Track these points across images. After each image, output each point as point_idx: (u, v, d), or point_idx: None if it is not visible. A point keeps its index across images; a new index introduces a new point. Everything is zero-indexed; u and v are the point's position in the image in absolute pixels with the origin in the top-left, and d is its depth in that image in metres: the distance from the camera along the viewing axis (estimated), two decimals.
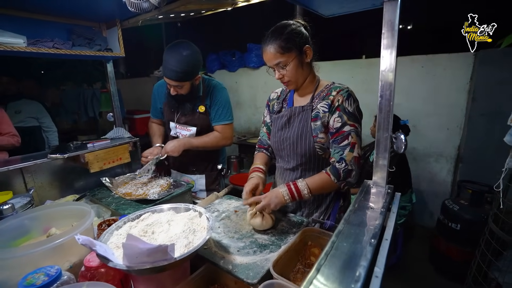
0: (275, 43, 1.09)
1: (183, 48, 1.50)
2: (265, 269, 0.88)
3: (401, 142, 0.87)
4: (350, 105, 1.12)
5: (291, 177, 1.31)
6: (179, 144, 1.66)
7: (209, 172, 1.87)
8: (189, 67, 1.50)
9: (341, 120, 1.12)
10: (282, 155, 1.33)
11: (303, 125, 1.20)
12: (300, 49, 1.12)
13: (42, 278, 0.72)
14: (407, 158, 2.58)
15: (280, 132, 1.28)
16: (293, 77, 1.16)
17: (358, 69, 3.21)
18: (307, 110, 1.20)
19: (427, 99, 2.87)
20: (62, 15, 1.71)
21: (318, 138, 1.17)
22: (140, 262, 0.70)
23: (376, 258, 0.58)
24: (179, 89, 1.58)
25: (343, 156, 1.10)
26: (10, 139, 2.26)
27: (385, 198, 0.86)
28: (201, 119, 1.74)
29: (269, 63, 1.15)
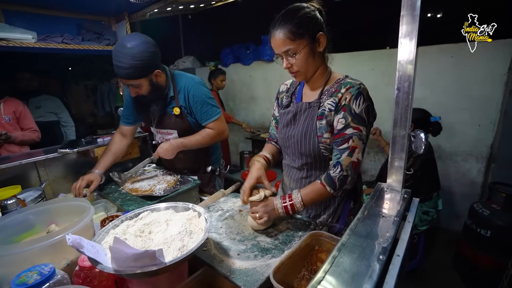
0: (285, 27, 0.97)
1: (128, 40, 1.28)
2: (264, 276, 0.82)
3: (421, 141, 0.77)
4: (358, 105, 1.01)
5: (297, 176, 1.23)
6: (172, 146, 1.49)
7: (202, 174, 1.72)
8: (137, 61, 1.27)
9: (344, 122, 1.01)
10: (288, 153, 1.25)
11: (308, 124, 1.10)
12: (313, 36, 1.01)
13: (35, 277, 0.70)
14: (435, 159, 2.37)
15: (286, 128, 1.19)
16: (303, 68, 1.04)
17: (379, 60, 3.01)
18: (314, 107, 1.10)
19: (456, 92, 2.63)
20: (72, 10, 1.72)
21: (323, 138, 1.08)
22: (128, 267, 0.66)
23: (384, 278, 0.49)
24: (137, 88, 1.36)
25: (339, 160, 1.01)
26: (32, 134, 2.35)
27: (401, 205, 0.76)
28: (178, 123, 1.55)
29: (277, 50, 1.03)
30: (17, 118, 2.32)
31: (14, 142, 2.23)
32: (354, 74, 2.91)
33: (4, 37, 1.28)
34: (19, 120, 2.34)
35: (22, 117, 2.33)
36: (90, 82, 4.32)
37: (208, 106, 1.54)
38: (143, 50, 1.29)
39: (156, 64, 1.36)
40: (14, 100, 2.35)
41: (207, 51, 4.86)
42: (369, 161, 3.36)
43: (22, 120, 2.33)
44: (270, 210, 1.05)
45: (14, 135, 2.20)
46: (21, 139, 2.25)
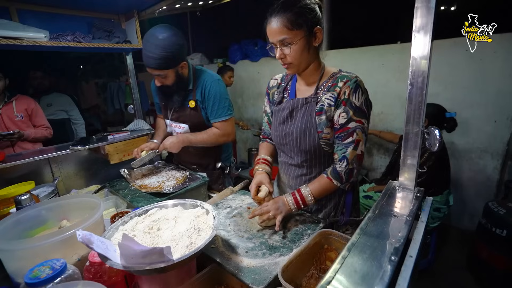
0: (284, 15, 0.95)
1: (159, 31, 1.34)
2: (273, 274, 0.82)
3: (435, 138, 0.74)
4: (358, 98, 1.00)
5: (296, 173, 1.22)
6: (178, 140, 1.53)
7: (211, 170, 1.75)
8: (167, 52, 1.33)
9: (346, 116, 1.00)
10: (285, 150, 1.23)
11: (307, 120, 1.08)
12: (310, 29, 0.98)
13: (47, 272, 0.72)
14: (448, 155, 2.31)
15: (282, 126, 1.16)
16: (296, 60, 1.01)
17: (389, 55, 2.94)
18: (312, 103, 1.07)
19: (471, 87, 2.54)
20: (83, 8, 1.74)
21: (323, 133, 1.06)
22: (136, 263, 0.67)
23: (396, 279, 0.48)
24: (163, 79, 1.43)
25: (345, 154, 1.02)
26: (44, 131, 2.40)
27: (413, 204, 0.73)
28: (192, 116, 1.59)
29: (272, 38, 1.00)
30: (29, 115, 2.37)
31: (27, 140, 2.28)
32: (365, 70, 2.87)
33: (18, 36, 1.31)
34: (31, 117, 2.39)
35: (34, 115, 2.38)
36: (99, 80, 4.40)
37: (220, 105, 1.55)
38: (174, 43, 1.35)
39: (183, 56, 1.43)
40: (26, 98, 2.41)
41: (215, 48, 4.86)
42: (379, 158, 3.30)
43: (34, 117, 2.38)
44: (281, 206, 1.05)
45: (27, 133, 2.25)
46: (34, 137, 2.31)
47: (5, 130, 2.19)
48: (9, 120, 2.25)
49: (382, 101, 3.06)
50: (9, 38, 1.31)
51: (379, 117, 3.15)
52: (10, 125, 2.24)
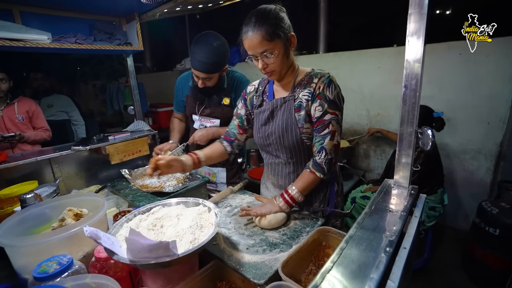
0: (261, 28, 0.99)
1: (212, 39, 1.47)
2: (273, 270, 0.85)
3: (428, 137, 0.78)
4: (331, 92, 1.07)
5: (284, 172, 1.26)
6: (208, 133, 1.65)
7: (230, 165, 1.85)
8: (219, 58, 1.49)
9: (322, 109, 1.07)
10: (269, 150, 1.27)
11: (287, 117, 1.13)
12: (286, 36, 1.04)
13: (55, 267, 0.74)
14: (439, 153, 2.37)
15: (264, 127, 1.21)
16: (279, 67, 1.07)
17: (386, 58, 2.99)
18: (290, 101, 1.13)
19: (465, 90, 2.60)
20: (85, 10, 1.77)
21: (304, 128, 1.12)
22: (143, 257, 0.69)
23: (390, 269, 0.51)
24: (207, 81, 1.55)
25: (323, 145, 1.09)
26: (43, 133, 2.41)
27: (407, 200, 0.77)
28: (226, 112, 1.70)
29: (252, 51, 1.04)
30: (29, 117, 2.38)
31: (27, 142, 2.29)
32: (362, 72, 2.94)
33: (21, 38, 1.33)
34: (32, 119, 2.39)
35: (35, 117, 2.39)
36: (99, 81, 4.40)
37: None
38: (226, 50, 1.53)
39: (227, 61, 1.59)
40: (28, 99, 2.41)
41: None
42: (376, 159, 3.35)
43: (35, 119, 2.39)
44: (271, 207, 1.10)
45: (27, 135, 2.26)
46: (34, 139, 2.31)
47: (6, 132, 2.19)
48: (10, 121, 2.25)
49: (379, 102, 3.11)
50: (12, 40, 1.33)
51: (376, 119, 3.20)
52: (10, 126, 2.24)
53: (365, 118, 3.27)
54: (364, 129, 3.25)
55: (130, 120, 3.51)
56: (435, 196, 2.27)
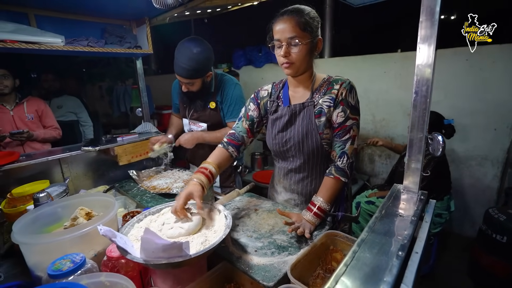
0: (297, 16, 1.02)
1: (194, 45, 1.48)
2: (282, 272, 0.85)
3: (438, 143, 0.78)
4: (353, 98, 1.11)
5: (298, 177, 1.26)
6: (193, 137, 1.68)
7: (228, 169, 1.81)
8: (199, 65, 1.49)
9: (344, 115, 1.09)
10: (284, 157, 1.26)
11: (308, 123, 1.14)
12: (315, 37, 1.07)
13: (68, 265, 0.75)
14: (447, 160, 2.35)
15: (282, 133, 1.21)
16: (299, 61, 1.06)
17: (391, 63, 3.00)
18: (309, 107, 1.14)
19: (472, 96, 2.59)
20: (96, 15, 1.80)
21: (324, 134, 1.14)
22: (156, 257, 0.70)
23: (403, 273, 0.52)
24: (190, 86, 1.58)
25: (344, 150, 1.11)
26: (53, 132, 2.45)
27: (417, 205, 0.77)
28: (212, 116, 1.71)
29: (281, 35, 1.02)
30: (39, 116, 2.42)
31: (36, 140, 2.32)
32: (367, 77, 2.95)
33: (36, 40, 1.36)
34: (41, 118, 2.44)
35: (44, 116, 2.43)
36: (106, 83, 4.46)
37: (236, 107, 1.67)
38: (206, 57, 1.52)
39: (210, 67, 1.60)
40: (37, 99, 2.46)
41: (219, 53, 4.93)
42: (381, 164, 3.34)
43: (44, 118, 2.43)
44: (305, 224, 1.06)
45: (37, 133, 2.30)
46: (43, 137, 2.35)
47: None
48: (20, 120, 2.29)
49: (384, 108, 3.11)
50: (28, 43, 1.36)
51: (381, 124, 3.19)
52: (21, 125, 2.28)
53: (370, 123, 3.27)
54: (369, 134, 3.25)
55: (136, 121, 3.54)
56: (442, 203, 2.25)
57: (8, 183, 1.41)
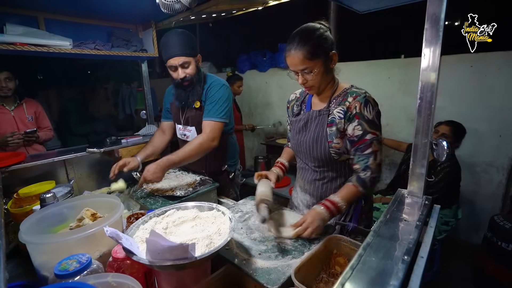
0: (303, 48, 1.05)
1: (175, 30, 1.49)
2: (286, 275, 0.85)
3: (443, 149, 0.79)
4: (369, 112, 1.10)
5: (311, 177, 1.30)
6: (159, 167, 1.43)
7: (218, 176, 1.73)
8: (190, 40, 1.49)
9: (361, 128, 1.09)
10: (300, 157, 1.34)
11: (319, 130, 1.18)
12: (327, 55, 1.10)
13: (75, 265, 0.76)
14: (460, 170, 2.30)
15: (298, 135, 1.27)
16: (317, 83, 1.13)
17: (395, 69, 3.01)
18: (324, 115, 1.18)
19: (476, 102, 2.59)
20: (104, 18, 1.84)
21: (333, 143, 1.15)
22: (162, 258, 0.71)
23: (409, 277, 0.52)
24: (186, 69, 1.51)
25: (368, 164, 1.10)
26: (49, 133, 2.47)
27: (422, 211, 0.77)
28: (198, 116, 1.63)
29: (294, 67, 1.11)
30: (36, 117, 2.44)
31: (39, 142, 2.34)
32: (371, 83, 2.95)
33: (45, 43, 1.39)
34: (38, 119, 2.45)
35: (41, 117, 2.45)
36: (112, 86, 4.51)
37: (216, 106, 1.58)
38: (190, 35, 1.51)
39: (197, 49, 1.56)
40: (33, 101, 2.47)
41: (223, 57, 4.98)
42: (384, 169, 3.33)
43: (41, 119, 2.45)
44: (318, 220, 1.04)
45: (40, 134, 2.32)
46: (44, 138, 2.37)
47: None
48: (21, 121, 2.30)
49: (388, 113, 3.11)
50: (37, 45, 1.39)
51: (385, 129, 3.16)
52: (21, 126, 2.29)
53: None
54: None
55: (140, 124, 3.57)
56: (450, 210, 2.24)
57: (14, 183, 1.43)
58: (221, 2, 1.52)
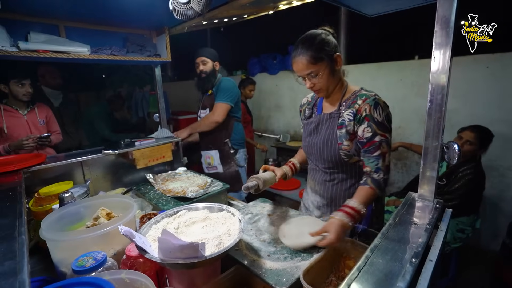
0: (306, 53, 1.09)
1: None
2: (295, 277, 0.86)
3: (454, 152, 0.78)
4: (379, 114, 1.11)
5: (322, 178, 1.32)
6: (185, 130, 2.29)
7: (222, 147, 2.34)
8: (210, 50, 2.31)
9: (371, 130, 1.10)
10: (311, 159, 1.37)
11: (330, 133, 1.20)
12: (331, 58, 1.12)
13: (91, 262, 0.79)
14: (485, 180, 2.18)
15: (309, 138, 1.30)
16: (324, 86, 1.16)
17: (408, 71, 2.96)
18: (334, 118, 1.20)
19: (492, 104, 2.51)
20: (120, 25, 1.91)
21: (343, 145, 1.17)
22: (173, 257, 0.73)
23: (417, 280, 0.52)
24: (204, 66, 2.25)
25: (379, 166, 1.12)
26: (59, 136, 2.54)
27: (432, 214, 0.77)
28: (210, 99, 2.32)
29: (300, 73, 1.15)
30: (47, 121, 2.50)
31: (50, 145, 2.42)
32: (383, 85, 2.92)
33: (65, 50, 1.46)
34: (48, 123, 2.51)
35: (52, 121, 2.52)
36: (126, 89, 4.64)
37: (221, 93, 2.25)
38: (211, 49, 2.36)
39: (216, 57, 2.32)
40: (44, 105, 2.53)
41: (234, 60, 5.03)
42: (397, 172, 3.26)
43: (51, 123, 2.51)
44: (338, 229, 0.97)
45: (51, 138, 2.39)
46: (55, 142, 2.45)
47: None
48: (33, 125, 2.36)
49: (400, 115, 3.06)
50: (58, 52, 1.46)
51: (397, 132, 3.14)
52: (34, 130, 2.34)
53: None
54: None
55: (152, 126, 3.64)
56: (468, 218, 2.14)
57: (34, 183, 1.50)
58: (232, 7, 1.54)
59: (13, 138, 2.14)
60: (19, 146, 2.03)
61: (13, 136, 2.17)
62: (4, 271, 0.53)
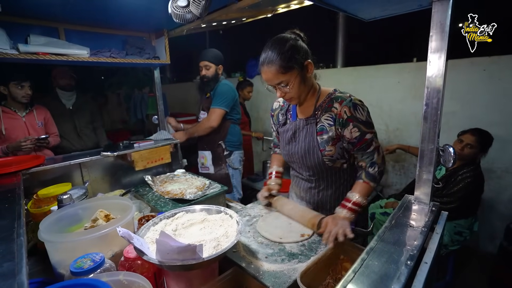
0: (274, 63, 1.02)
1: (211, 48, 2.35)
2: (292, 279, 0.86)
3: (450, 155, 0.78)
4: (361, 113, 1.10)
5: (306, 186, 1.31)
6: (184, 134, 2.31)
7: (215, 149, 2.38)
8: (214, 54, 2.27)
9: (358, 130, 1.10)
10: (293, 167, 1.35)
11: (309, 140, 1.18)
12: (301, 66, 1.07)
13: (89, 263, 0.80)
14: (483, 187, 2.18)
15: (288, 146, 1.27)
16: (296, 94, 1.11)
17: (405, 73, 2.98)
18: (312, 124, 1.17)
19: (490, 107, 2.53)
20: (119, 28, 1.92)
21: (326, 151, 1.16)
22: (171, 259, 0.74)
23: (412, 283, 0.52)
24: (207, 70, 2.25)
25: (374, 160, 1.15)
26: (57, 138, 2.53)
27: (428, 217, 0.77)
28: (207, 102, 2.35)
29: (269, 82, 1.09)
30: (45, 123, 2.49)
31: (48, 147, 2.41)
32: (380, 87, 2.94)
33: (65, 52, 1.47)
34: (46, 125, 2.50)
35: (50, 123, 2.51)
36: (124, 91, 4.64)
37: (217, 98, 2.26)
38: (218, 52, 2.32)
39: (222, 62, 2.33)
40: (42, 107, 2.51)
41: (233, 62, 5.05)
42: (395, 174, 3.28)
43: (49, 125, 2.51)
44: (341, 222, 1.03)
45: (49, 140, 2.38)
46: (52, 144, 2.44)
47: None
48: (32, 127, 2.35)
49: (398, 117, 3.07)
50: (57, 55, 1.47)
51: (395, 134, 3.15)
52: (32, 132, 2.33)
53: (383, 133, 3.24)
54: (383, 144, 3.21)
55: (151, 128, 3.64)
56: (465, 221, 2.14)
57: (33, 185, 1.50)
58: (231, 11, 1.56)
59: (11, 139, 2.14)
60: (17, 147, 2.03)
61: (11, 137, 2.17)
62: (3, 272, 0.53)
